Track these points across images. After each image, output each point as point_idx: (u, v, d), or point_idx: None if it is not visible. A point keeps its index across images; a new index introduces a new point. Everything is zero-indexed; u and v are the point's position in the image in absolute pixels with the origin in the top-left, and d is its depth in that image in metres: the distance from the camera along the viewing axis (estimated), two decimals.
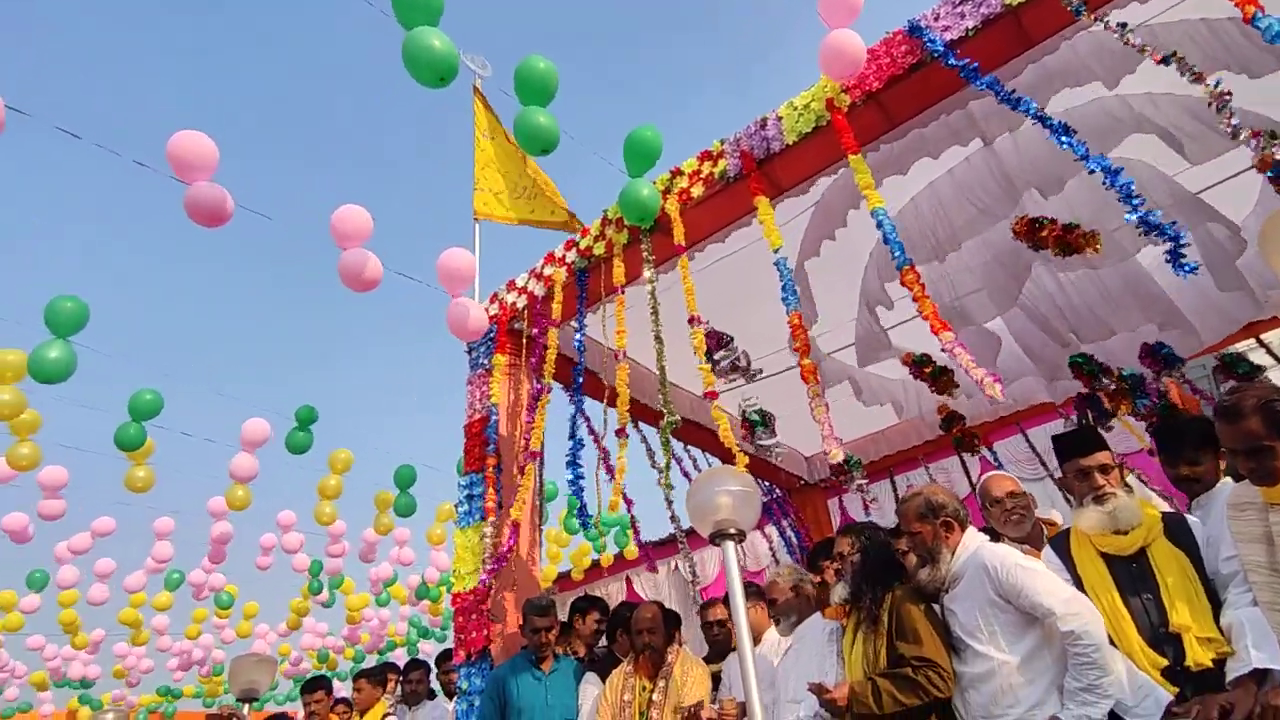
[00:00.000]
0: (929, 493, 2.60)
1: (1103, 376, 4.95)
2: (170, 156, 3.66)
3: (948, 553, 2.50)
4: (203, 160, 3.72)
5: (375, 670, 5.11)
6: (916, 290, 3.03)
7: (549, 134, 3.91)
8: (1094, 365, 4.98)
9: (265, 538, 9.97)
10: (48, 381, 5.02)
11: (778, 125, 3.80)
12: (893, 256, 3.11)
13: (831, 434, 3.08)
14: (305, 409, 7.71)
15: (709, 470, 3.09)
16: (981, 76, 3.11)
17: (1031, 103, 3.02)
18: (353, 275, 4.10)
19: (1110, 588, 2.33)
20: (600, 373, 4.85)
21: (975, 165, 4.17)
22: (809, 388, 3.21)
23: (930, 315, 2.97)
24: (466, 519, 4.43)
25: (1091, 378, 4.96)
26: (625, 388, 3.89)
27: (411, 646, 12.79)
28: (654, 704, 3.20)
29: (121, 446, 6.54)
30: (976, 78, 3.11)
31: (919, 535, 2.56)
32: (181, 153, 3.67)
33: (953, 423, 5.99)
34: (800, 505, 7.96)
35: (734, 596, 2.73)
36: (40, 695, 12.97)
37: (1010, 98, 3.03)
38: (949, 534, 2.52)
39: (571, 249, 4.66)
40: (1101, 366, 4.98)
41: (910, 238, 4.33)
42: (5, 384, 5.66)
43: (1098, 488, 2.45)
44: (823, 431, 3.08)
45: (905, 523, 2.61)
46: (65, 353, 5.02)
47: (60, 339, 5.05)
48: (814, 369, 3.27)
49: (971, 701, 2.31)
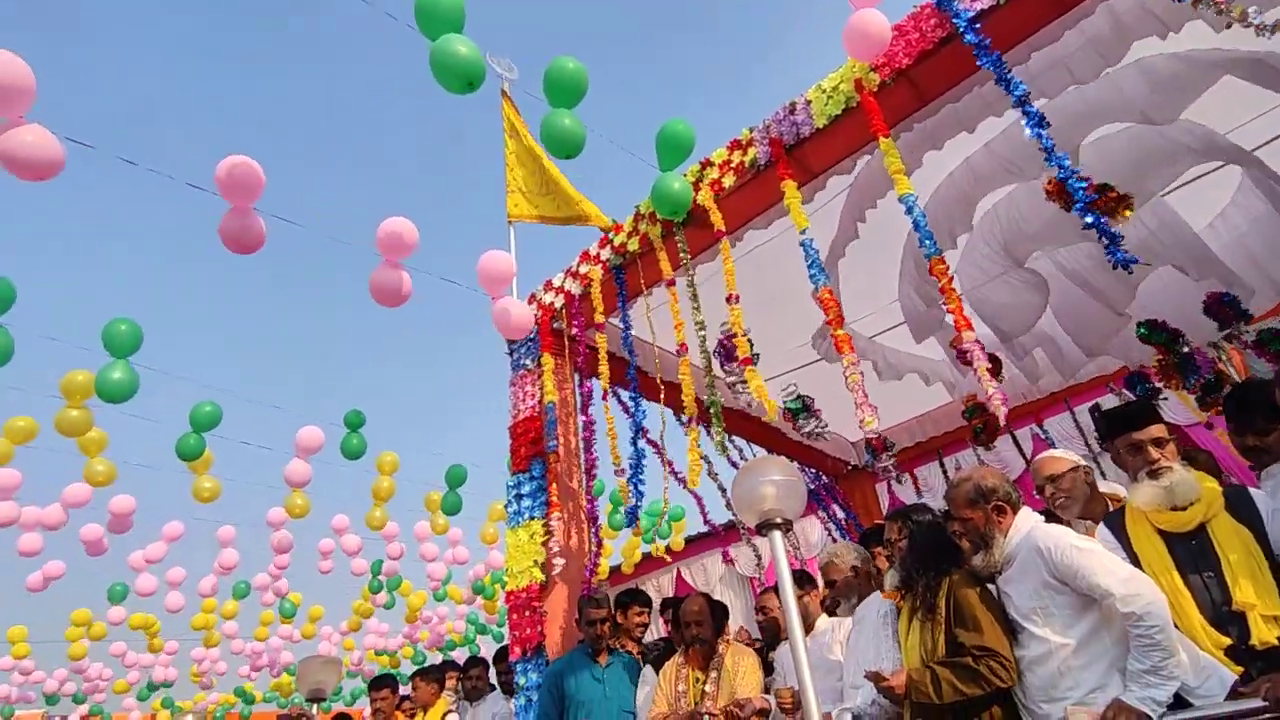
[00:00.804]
0: (978, 477, 2.52)
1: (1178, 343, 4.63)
2: (219, 181, 3.78)
3: (1001, 537, 2.43)
4: (249, 185, 3.82)
5: (432, 669, 5.24)
6: (944, 282, 2.97)
7: (574, 137, 3.94)
8: (1164, 332, 4.68)
9: (324, 543, 10.29)
10: (113, 401, 5.26)
11: (807, 110, 3.76)
12: (920, 244, 3.05)
13: (865, 401, 3.04)
14: (353, 413, 7.91)
15: (751, 461, 3.07)
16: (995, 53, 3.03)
17: (1022, 85, 2.93)
18: (388, 293, 4.18)
19: (1169, 566, 2.26)
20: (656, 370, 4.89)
21: (1011, 136, 4.07)
22: (844, 358, 3.18)
23: (956, 310, 2.91)
24: (516, 518, 4.50)
25: (1165, 346, 4.66)
26: (690, 379, 3.91)
27: (470, 644, 13.06)
28: (707, 695, 3.22)
29: (182, 456, 6.82)
30: (986, 55, 3.03)
31: (970, 522, 2.48)
32: (229, 178, 3.78)
33: (975, 413, 5.82)
34: (848, 491, 7.89)
35: (783, 585, 2.73)
36: (125, 701, 13.59)
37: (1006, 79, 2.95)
38: (1001, 518, 2.45)
39: (606, 246, 4.69)
40: (1173, 331, 4.67)
41: (951, 211, 4.26)
42: (74, 403, 5.95)
43: (1152, 461, 2.38)
44: (856, 399, 3.04)
45: (955, 509, 2.54)
46: (128, 373, 5.26)
47: (120, 360, 5.29)
48: (848, 339, 3.22)
49: (1029, 685, 2.26)
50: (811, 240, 3.50)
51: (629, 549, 10.49)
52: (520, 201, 5.44)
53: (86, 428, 6.14)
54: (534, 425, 4.62)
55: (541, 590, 4.19)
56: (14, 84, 3.31)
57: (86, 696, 12.98)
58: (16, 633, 11.21)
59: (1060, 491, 2.88)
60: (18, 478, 7.04)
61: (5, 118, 3.35)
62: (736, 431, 6.29)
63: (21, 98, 3.36)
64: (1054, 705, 2.17)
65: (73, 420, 5.99)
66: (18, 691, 11.95)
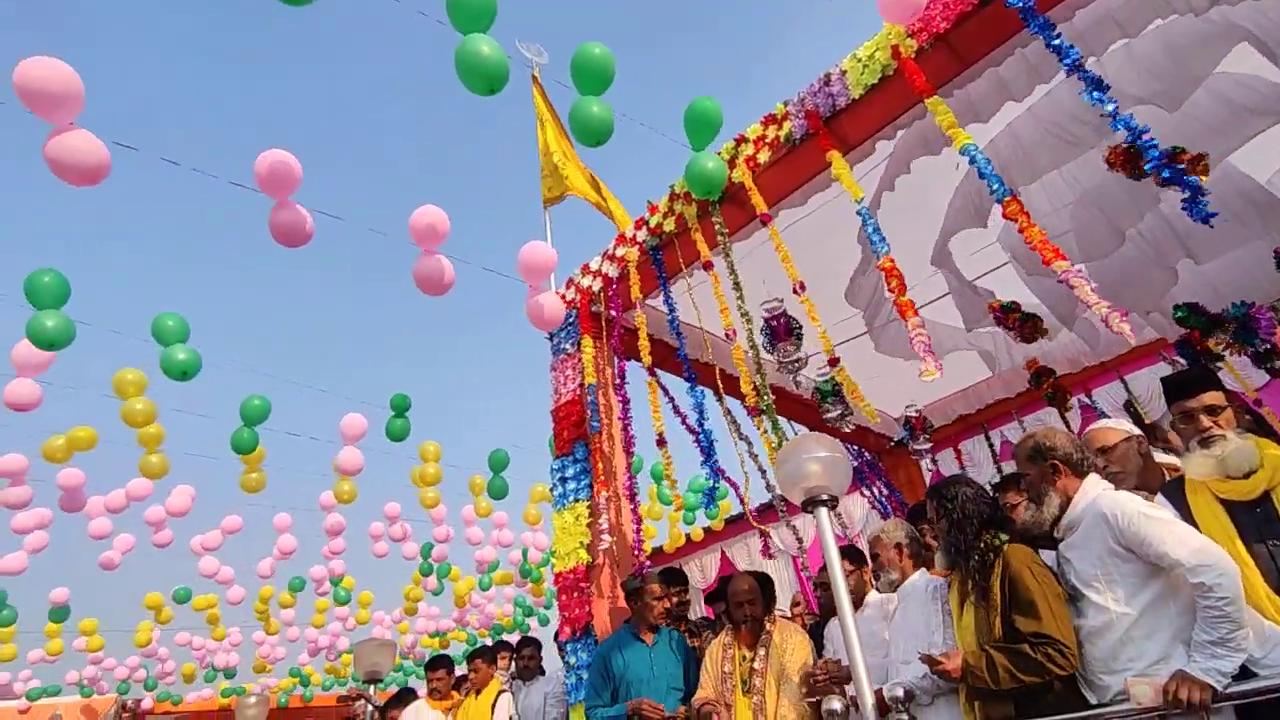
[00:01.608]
0: (1042, 435, 2.51)
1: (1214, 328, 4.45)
2: (257, 174, 3.87)
3: (1054, 496, 2.40)
4: (287, 178, 3.91)
5: (487, 649, 5.35)
6: (1022, 221, 2.89)
7: (603, 123, 3.92)
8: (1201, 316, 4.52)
9: (374, 526, 10.55)
10: (180, 377, 5.52)
11: (842, 80, 3.69)
12: (990, 190, 2.97)
13: (929, 353, 3.05)
14: (399, 397, 8.05)
15: (795, 438, 3.05)
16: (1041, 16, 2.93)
17: (1074, 50, 2.82)
18: (432, 281, 4.25)
19: (1232, 535, 2.19)
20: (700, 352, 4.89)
21: (1059, 98, 3.93)
22: (909, 321, 3.14)
23: (1040, 244, 2.83)
24: (562, 501, 4.55)
25: (1201, 330, 4.49)
26: (745, 367, 3.90)
27: (521, 625, 13.29)
28: (756, 672, 3.23)
29: (237, 450, 7.04)
30: (1032, 18, 2.93)
31: (1028, 477, 2.50)
32: (267, 171, 3.87)
33: (1043, 378, 5.69)
34: (892, 467, 7.81)
35: (830, 561, 2.73)
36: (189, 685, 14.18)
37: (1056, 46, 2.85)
38: (1056, 477, 2.42)
39: (641, 228, 4.68)
40: (1211, 317, 4.50)
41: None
42: (133, 397, 6.23)
43: (1203, 430, 2.30)
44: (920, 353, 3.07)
45: (1018, 463, 2.56)
46: (191, 353, 5.55)
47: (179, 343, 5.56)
48: (911, 304, 3.19)
49: (1089, 656, 2.21)
50: (868, 209, 3.45)
51: (673, 529, 10.56)
52: (554, 185, 5.47)
53: (150, 419, 6.40)
54: (576, 408, 4.66)
55: (589, 571, 4.25)
56: (63, 91, 3.42)
57: (157, 681, 13.55)
58: (88, 624, 11.75)
59: (1112, 463, 2.81)
60: (81, 477, 7.37)
61: (55, 124, 3.47)
62: (781, 412, 6.25)
63: (70, 104, 3.47)
64: (1114, 677, 2.13)
65: (137, 412, 6.26)
66: (93, 671, 12.54)
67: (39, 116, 3.45)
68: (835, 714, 2.58)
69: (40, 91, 3.39)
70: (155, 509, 8.61)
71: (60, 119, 3.49)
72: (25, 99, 3.38)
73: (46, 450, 6.76)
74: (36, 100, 3.40)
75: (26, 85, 3.36)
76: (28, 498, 7.46)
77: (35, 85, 3.38)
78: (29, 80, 3.36)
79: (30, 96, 3.38)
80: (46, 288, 5.08)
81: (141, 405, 6.22)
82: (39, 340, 5.00)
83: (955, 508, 2.62)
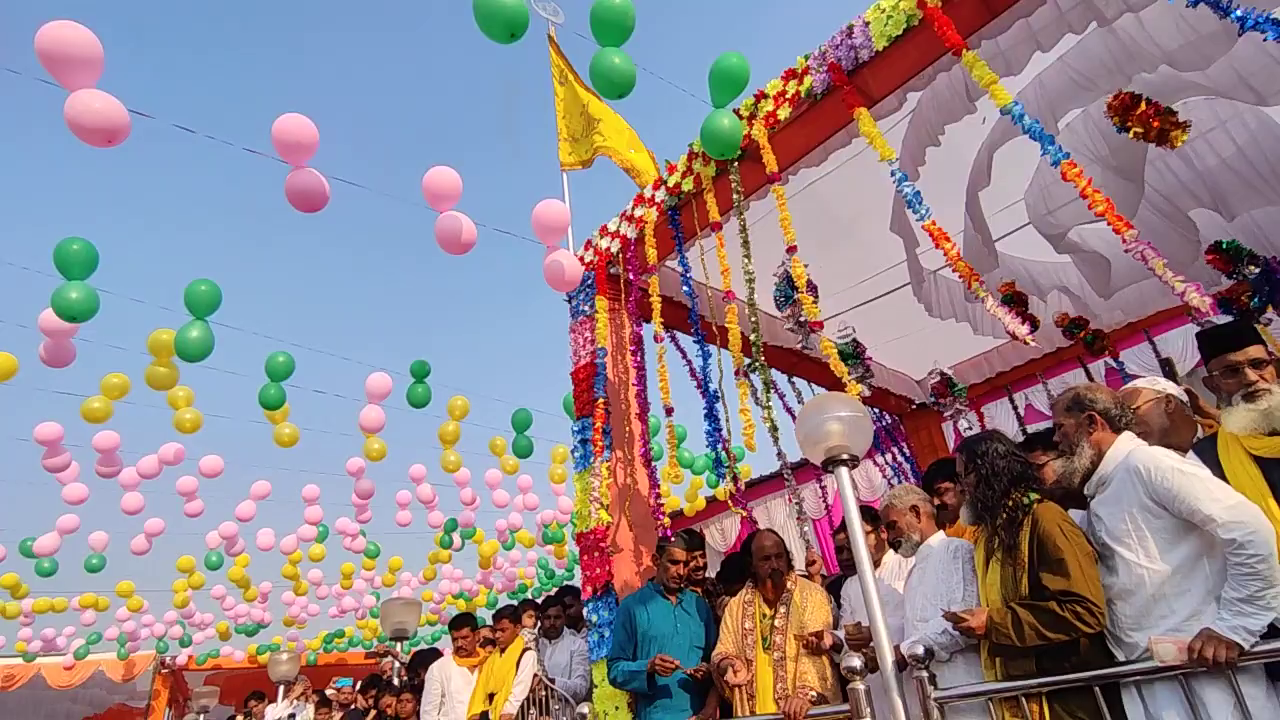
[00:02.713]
0: (1083, 388, 2.50)
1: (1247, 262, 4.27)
2: (275, 140, 3.86)
3: (1087, 448, 2.38)
4: (304, 142, 3.90)
5: (514, 608, 5.49)
6: (1082, 184, 2.78)
7: (624, 76, 3.85)
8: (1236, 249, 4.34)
9: (401, 494, 10.72)
10: (192, 360, 5.55)
11: (865, 31, 3.58)
12: (1044, 151, 2.85)
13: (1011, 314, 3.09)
14: (419, 363, 8.10)
15: (817, 398, 3.03)
16: None
17: None
18: (451, 239, 4.24)
19: (1265, 492, 2.15)
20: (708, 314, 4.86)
21: (1089, 48, 3.79)
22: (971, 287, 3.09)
23: (1108, 211, 2.71)
24: (583, 463, 4.58)
25: (1232, 263, 4.32)
26: (738, 330, 3.87)
27: (543, 586, 13.52)
28: (777, 629, 3.26)
29: (265, 405, 7.15)
30: None
31: (1063, 427, 2.49)
32: (285, 136, 3.85)
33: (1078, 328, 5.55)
34: (913, 430, 7.77)
35: (851, 521, 2.73)
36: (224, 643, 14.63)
37: None
38: (1092, 429, 2.40)
39: (660, 188, 4.62)
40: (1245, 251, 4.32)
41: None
42: (162, 360, 6.29)
43: (1249, 384, 2.25)
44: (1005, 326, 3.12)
45: (1055, 414, 2.56)
46: (204, 332, 5.53)
47: (199, 320, 5.55)
48: (970, 269, 3.12)
49: (1119, 613, 2.19)
50: (901, 171, 3.35)
51: (692, 493, 10.63)
52: (572, 149, 5.41)
53: (172, 382, 6.48)
54: (594, 370, 4.66)
55: (609, 531, 4.29)
56: (83, 55, 3.42)
57: (191, 638, 14.00)
58: (125, 587, 12.14)
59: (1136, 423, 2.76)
60: (116, 438, 7.52)
61: (75, 89, 3.47)
62: (798, 373, 6.24)
63: (91, 68, 3.47)
64: (1143, 634, 2.11)
65: (160, 376, 6.33)
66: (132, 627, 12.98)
67: (59, 81, 3.46)
68: (854, 670, 2.62)
69: (60, 55, 3.40)
70: (187, 479, 8.80)
71: (80, 84, 3.50)
72: (46, 62, 3.39)
73: (85, 410, 6.88)
74: (57, 64, 3.40)
75: (47, 49, 3.36)
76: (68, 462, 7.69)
77: (55, 49, 3.38)
78: (50, 44, 3.37)
79: (51, 60, 3.39)
80: (75, 256, 5.12)
81: (165, 369, 6.28)
82: (63, 311, 5.06)
83: (985, 464, 2.58)
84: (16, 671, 13.23)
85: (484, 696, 4.78)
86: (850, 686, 2.61)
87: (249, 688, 9.88)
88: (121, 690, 15.39)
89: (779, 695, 3.07)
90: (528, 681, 4.65)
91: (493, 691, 4.75)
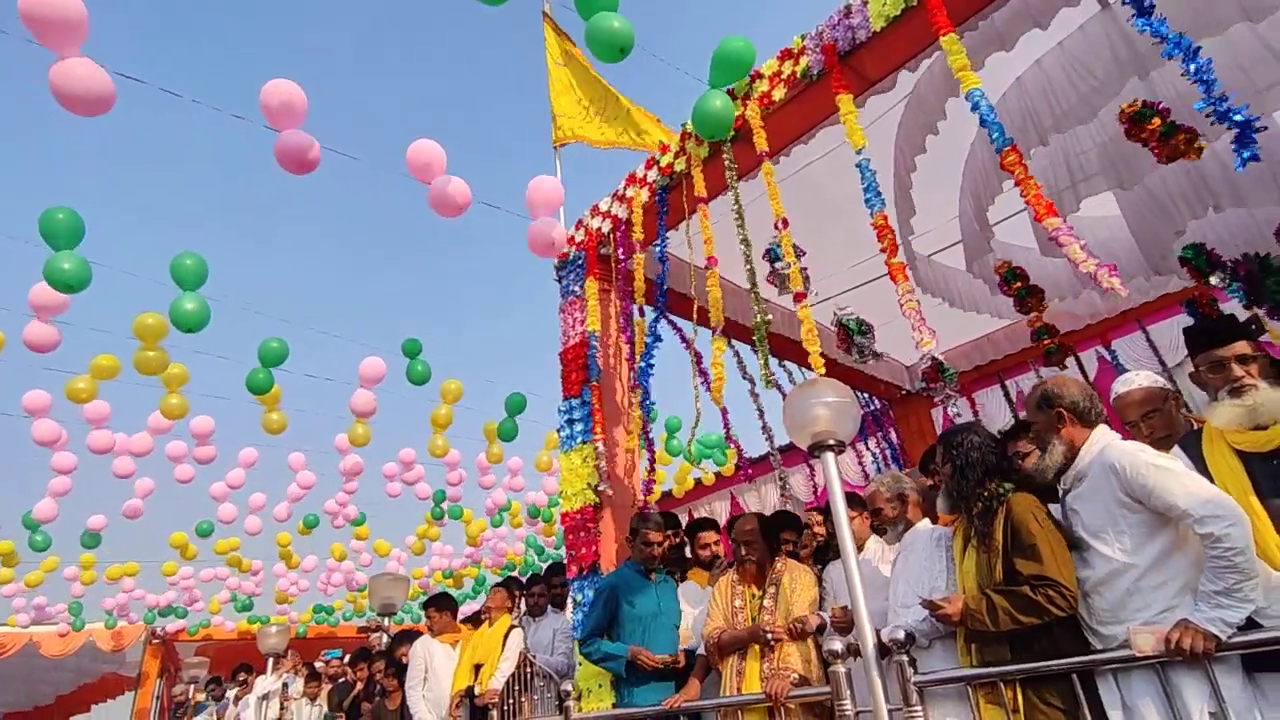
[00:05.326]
0: (1053, 383, 2.50)
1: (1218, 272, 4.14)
2: (263, 105, 3.80)
3: (1059, 444, 2.40)
4: (293, 107, 3.84)
5: (513, 579, 5.58)
6: (1019, 173, 2.79)
7: (623, 36, 3.81)
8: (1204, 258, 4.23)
9: (387, 467, 10.72)
10: (189, 331, 5.50)
11: (863, 11, 3.53)
12: (991, 139, 2.88)
13: (923, 323, 3.01)
14: (410, 341, 8.07)
15: (805, 382, 3.03)
16: None
17: None
18: (448, 204, 4.23)
19: (1246, 488, 2.15)
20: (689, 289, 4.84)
21: (1090, 33, 3.74)
22: (899, 286, 3.09)
23: (1034, 199, 2.74)
24: (569, 443, 4.58)
25: (1201, 274, 4.20)
26: (718, 290, 3.86)
27: (530, 564, 13.60)
28: (765, 609, 3.28)
29: (252, 390, 7.10)
30: None
31: (1035, 425, 2.52)
32: (273, 101, 3.80)
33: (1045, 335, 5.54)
34: (903, 416, 7.79)
35: (836, 507, 2.74)
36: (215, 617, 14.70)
37: None
38: (1061, 425, 2.41)
39: (652, 168, 4.58)
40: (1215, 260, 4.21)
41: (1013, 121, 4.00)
42: (149, 344, 6.22)
43: (1235, 379, 2.25)
44: (913, 323, 3.04)
45: (1028, 412, 2.57)
46: (199, 303, 5.48)
47: (190, 292, 5.49)
48: (903, 267, 3.15)
49: (1095, 606, 2.21)
50: (868, 161, 3.34)
51: (681, 474, 10.66)
52: (571, 126, 5.37)
53: (163, 367, 6.42)
54: (583, 351, 4.65)
55: (595, 511, 4.30)
56: (67, 17, 3.35)
57: (186, 610, 14.06)
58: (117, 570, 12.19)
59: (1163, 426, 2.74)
60: (106, 409, 7.49)
61: (60, 53, 3.41)
62: (787, 356, 6.23)
63: (75, 32, 3.40)
64: (1120, 626, 2.13)
65: (149, 360, 6.27)
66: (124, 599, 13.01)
67: (43, 45, 3.39)
68: (835, 653, 2.64)
69: (45, 18, 3.33)
70: (177, 444, 8.78)
71: (65, 47, 3.43)
72: (30, 25, 3.32)
73: (70, 390, 6.84)
74: (41, 27, 3.34)
75: (31, 11, 3.29)
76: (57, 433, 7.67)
77: (39, 12, 3.32)
78: (33, 6, 3.29)
79: (35, 23, 3.32)
80: (61, 225, 5.04)
81: (154, 354, 6.22)
82: (56, 282, 4.99)
83: (961, 454, 2.62)
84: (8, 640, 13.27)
85: (469, 669, 4.82)
86: (831, 669, 2.64)
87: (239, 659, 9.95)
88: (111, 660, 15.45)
89: (765, 675, 3.10)
90: (514, 659, 4.69)
91: (479, 663, 4.80)
